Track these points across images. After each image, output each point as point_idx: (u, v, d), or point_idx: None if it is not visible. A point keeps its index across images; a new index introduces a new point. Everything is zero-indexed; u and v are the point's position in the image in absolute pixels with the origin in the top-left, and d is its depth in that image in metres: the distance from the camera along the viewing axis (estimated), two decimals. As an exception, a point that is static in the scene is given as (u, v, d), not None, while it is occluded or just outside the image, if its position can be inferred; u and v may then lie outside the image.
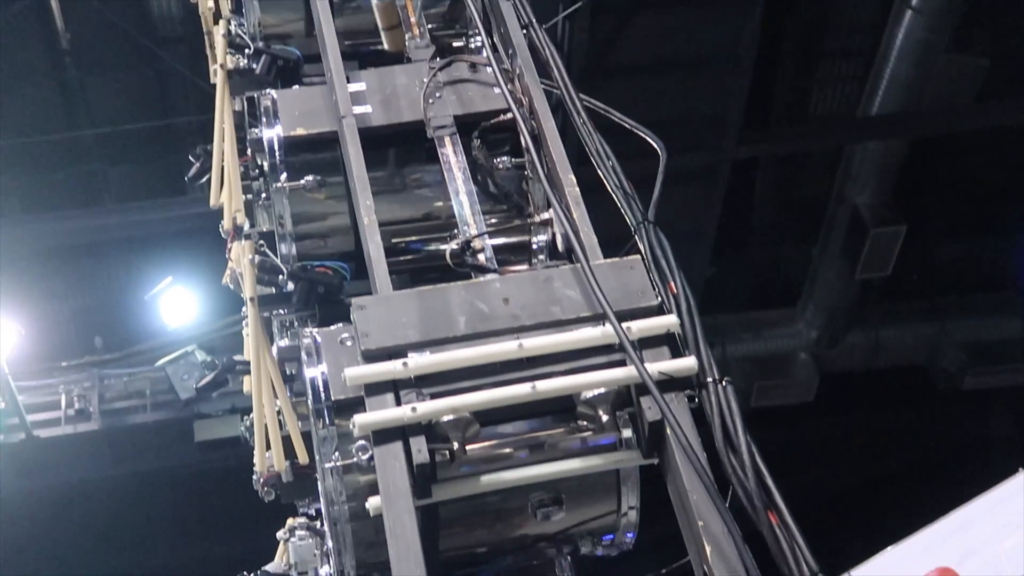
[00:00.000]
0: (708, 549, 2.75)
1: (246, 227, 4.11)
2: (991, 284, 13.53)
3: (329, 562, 3.48)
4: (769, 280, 14.05)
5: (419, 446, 2.87)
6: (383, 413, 2.90)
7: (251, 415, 4.15)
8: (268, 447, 4.07)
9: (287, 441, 4.02)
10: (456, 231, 3.54)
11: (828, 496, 12.61)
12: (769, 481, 2.79)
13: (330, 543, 3.30)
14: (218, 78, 4.44)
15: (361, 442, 2.94)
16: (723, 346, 13.08)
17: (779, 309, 13.68)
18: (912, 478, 12.82)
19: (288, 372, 4.06)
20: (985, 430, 13.90)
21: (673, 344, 3.05)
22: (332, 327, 3.18)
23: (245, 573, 3.90)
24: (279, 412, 4.08)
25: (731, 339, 13.28)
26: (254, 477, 4.10)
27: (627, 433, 3.03)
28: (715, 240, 12.88)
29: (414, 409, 2.89)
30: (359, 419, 2.89)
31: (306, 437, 3.98)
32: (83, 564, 13.27)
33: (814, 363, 13.42)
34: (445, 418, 2.92)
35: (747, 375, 13.27)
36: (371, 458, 2.91)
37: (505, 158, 3.76)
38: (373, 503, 2.88)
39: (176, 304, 12.66)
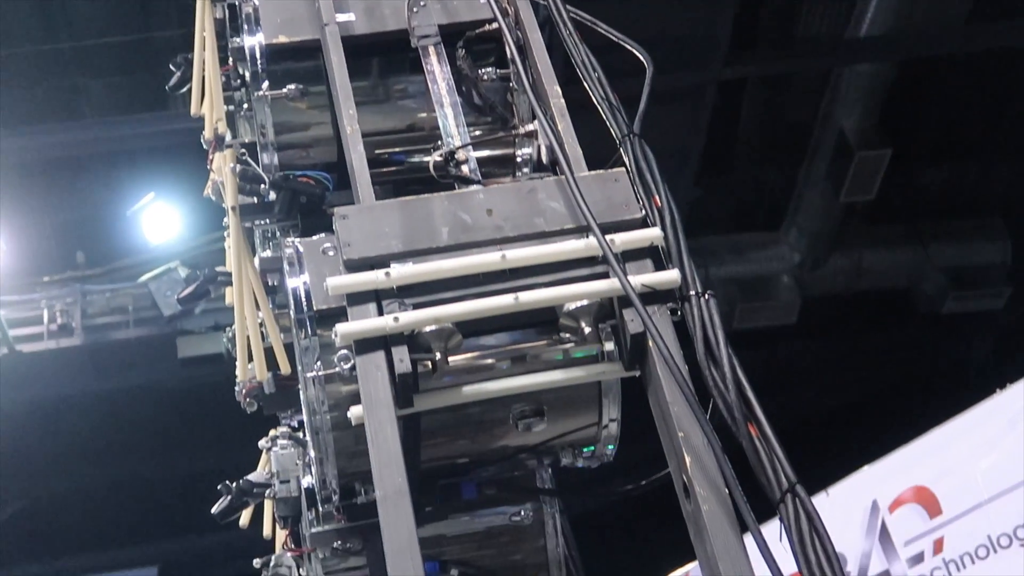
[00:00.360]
0: (688, 460, 2.77)
1: (228, 137, 4.06)
2: (975, 209, 13.54)
3: (311, 472, 3.49)
4: (753, 202, 14.03)
5: (401, 356, 2.88)
6: (365, 323, 2.90)
7: (233, 327, 4.14)
8: (250, 359, 4.07)
9: (269, 352, 4.01)
10: (440, 142, 3.51)
11: (808, 417, 12.71)
12: (750, 394, 2.81)
13: (312, 453, 3.31)
14: (198, -16, 4.36)
15: (343, 352, 2.93)
16: (706, 268, 13.09)
17: (762, 232, 13.68)
18: (891, 401, 12.92)
19: (270, 284, 4.05)
20: (964, 354, 14.01)
21: (656, 257, 3.05)
22: (314, 237, 3.17)
23: (227, 482, 3.92)
24: (261, 324, 4.07)
25: (714, 261, 13.29)
26: (236, 388, 4.10)
27: (609, 346, 3.04)
28: (700, 162, 12.83)
29: (396, 319, 2.88)
30: (341, 328, 2.88)
31: (288, 349, 3.97)
32: (66, 478, 13.37)
33: (796, 286, 13.45)
34: (427, 328, 2.92)
35: (730, 297, 13.30)
36: (353, 368, 2.91)
37: (490, 69, 3.71)
38: (355, 412, 2.89)
39: (158, 220, 12.59)
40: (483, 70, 3.70)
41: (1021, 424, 6.49)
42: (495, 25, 3.65)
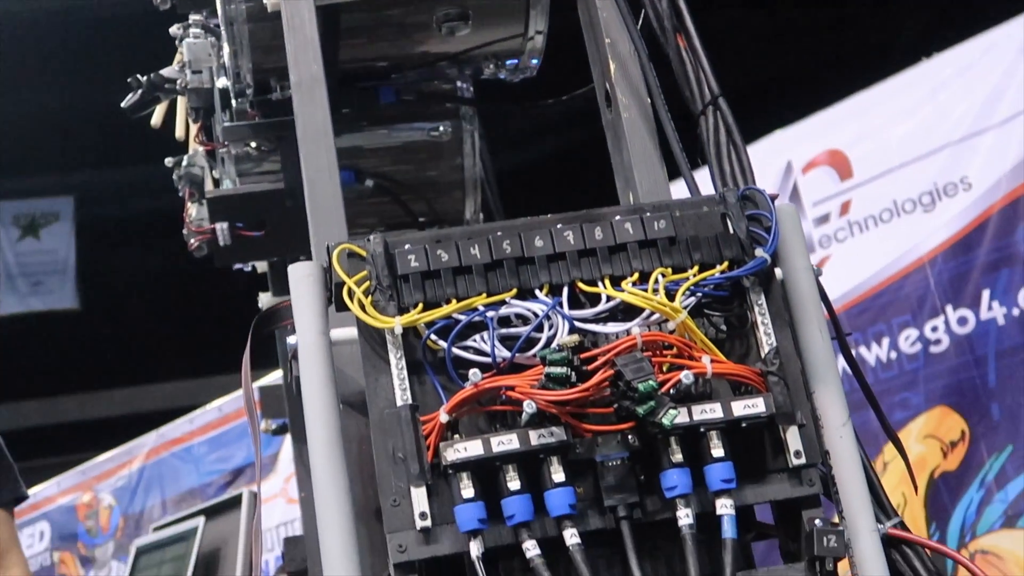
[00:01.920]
0: (612, 67, 2.71)
1: None
2: None
3: (225, 72, 3.38)
4: None
5: (321, -63, 2.73)
6: (285, -99, 2.72)
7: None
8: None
9: (183, -53, 3.79)
10: None
11: (734, 87, 12.69)
12: (682, 4, 2.74)
13: (227, 47, 3.20)
14: None
15: (259, -69, 2.77)
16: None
17: None
18: (819, 74, 12.88)
19: None
20: (895, 33, 13.94)
21: None
22: None
23: (138, 76, 3.79)
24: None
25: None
26: (150, -11, 3.88)
27: (541, -45, 2.92)
28: None
29: (317, -102, 2.71)
30: (258, -95, 2.72)
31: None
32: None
33: (732, -47, 13.12)
34: (350, -91, 2.77)
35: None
36: (268, -46, 2.75)
37: None
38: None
39: None
40: None
41: (942, 93, 6.52)
42: None
